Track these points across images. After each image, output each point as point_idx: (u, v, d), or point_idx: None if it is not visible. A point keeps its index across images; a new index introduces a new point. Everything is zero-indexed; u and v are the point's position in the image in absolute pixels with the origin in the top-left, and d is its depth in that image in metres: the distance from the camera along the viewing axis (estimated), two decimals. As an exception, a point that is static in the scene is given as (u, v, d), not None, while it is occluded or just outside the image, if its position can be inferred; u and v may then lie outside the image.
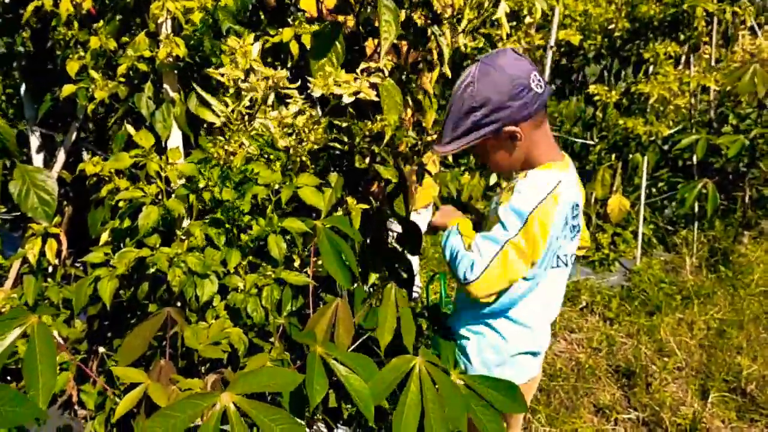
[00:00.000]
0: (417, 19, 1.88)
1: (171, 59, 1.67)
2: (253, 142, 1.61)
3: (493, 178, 4.56)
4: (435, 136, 2.02)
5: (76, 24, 1.66)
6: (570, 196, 1.64)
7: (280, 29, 1.77)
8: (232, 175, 1.55)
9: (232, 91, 1.62)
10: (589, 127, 5.24)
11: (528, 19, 4.54)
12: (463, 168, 4.94)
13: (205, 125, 1.77)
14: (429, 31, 1.86)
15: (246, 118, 1.61)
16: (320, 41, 1.74)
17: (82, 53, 1.66)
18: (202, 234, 1.48)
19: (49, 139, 2.17)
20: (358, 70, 1.67)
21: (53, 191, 2.01)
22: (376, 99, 1.62)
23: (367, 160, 1.88)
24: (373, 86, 1.76)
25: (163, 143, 1.72)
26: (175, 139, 1.74)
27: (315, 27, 1.73)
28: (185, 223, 1.56)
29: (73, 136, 2.04)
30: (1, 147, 2.02)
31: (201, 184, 1.52)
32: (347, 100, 1.58)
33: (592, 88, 4.79)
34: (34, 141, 2.15)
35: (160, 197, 1.51)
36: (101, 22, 1.70)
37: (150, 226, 1.45)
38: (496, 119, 1.58)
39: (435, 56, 2.07)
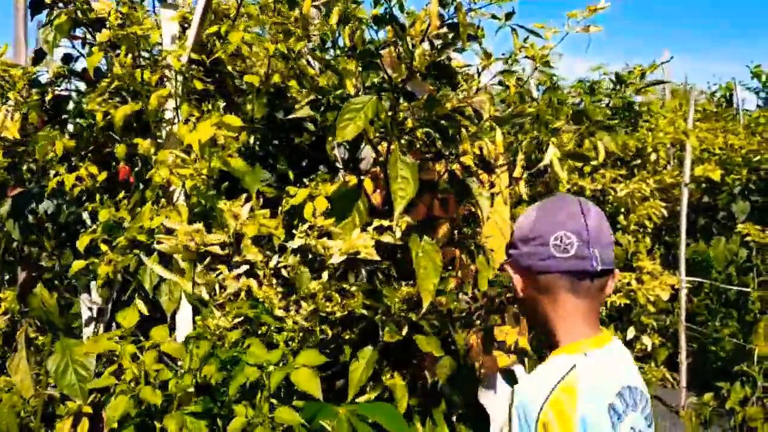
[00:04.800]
0: (457, 169, 1.64)
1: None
2: (252, 311, 1.41)
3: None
4: (487, 301, 1.71)
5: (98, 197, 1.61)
6: (602, 382, 1.22)
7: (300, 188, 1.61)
8: (221, 354, 1.34)
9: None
10: (744, 272, 4.56)
11: (653, 156, 4.15)
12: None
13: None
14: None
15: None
16: (340, 203, 1.55)
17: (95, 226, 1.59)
18: (177, 429, 1.26)
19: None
20: (370, 228, 1.45)
21: (91, 367, 1.91)
22: (376, 258, 1.37)
23: (405, 330, 1.60)
24: (399, 247, 1.53)
25: (168, 317, 1.57)
26: (185, 313, 1.58)
27: (330, 186, 1.55)
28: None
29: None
30: (45, 319, 1.99)
31: (185, 366, 1.32)
32: (336, 260, 1.34)
33: (740, 227, 4.19)
34: (84, 310, 2.10)
35: (137, 383, 1.32)
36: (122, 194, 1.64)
37: (116, 419, 1.25)
38: (508, 252, 1.34)
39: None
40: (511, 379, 1.86)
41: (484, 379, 2.07)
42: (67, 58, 1.77)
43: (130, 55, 1.52)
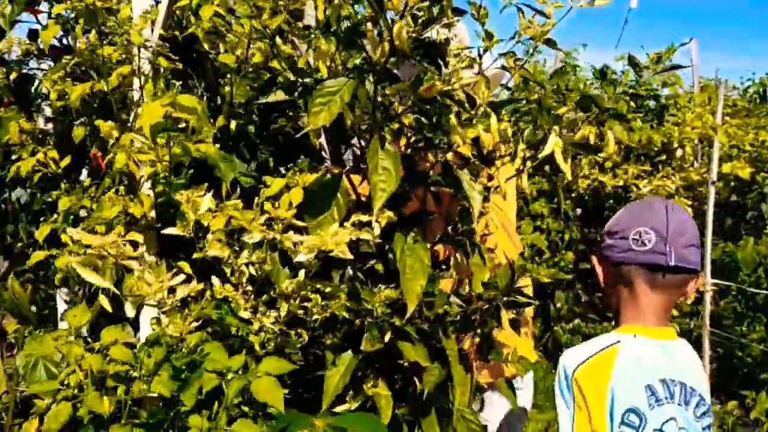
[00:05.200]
0: (452, 159, 1.49)
1: (147, 220, 1.44)
2: (216, 312, 1.28)
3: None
4: (483, 304, 1.56)
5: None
6: (642, 364, 1.34)
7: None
8: (176, 360, 1.21)
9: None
10: (774, 275, 4.33)
11: (679, 152, 3.94)
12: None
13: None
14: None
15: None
16: (318, 195, 1.41)
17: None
18: (122, 442, 1.13)
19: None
20: (348, 224, 1.30)
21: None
22: (349, 257, 1.23)
23: (388, 336, 1.46)
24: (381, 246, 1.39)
25: (132, 316, 1.44)
26: (149, 312, 1.46)
27: (309, 177, 1.41)
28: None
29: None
30: (18, 312, 1.88)
31: (136, 373, 1.20)
32: (302, 258, 1.21)
33: (771, 228, 3.97)
34: (61, 303, 2.00)
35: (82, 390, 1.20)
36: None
37: (56, 430, 1.13)
38: (598, 246, 1.52)
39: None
40: (509, 389, 1.71)
41: (482, 388, 1.92)
42: (33, 34, 1.66)
43: (94, 31, 1.40)
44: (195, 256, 1.29)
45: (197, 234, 1.31)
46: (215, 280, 1.29)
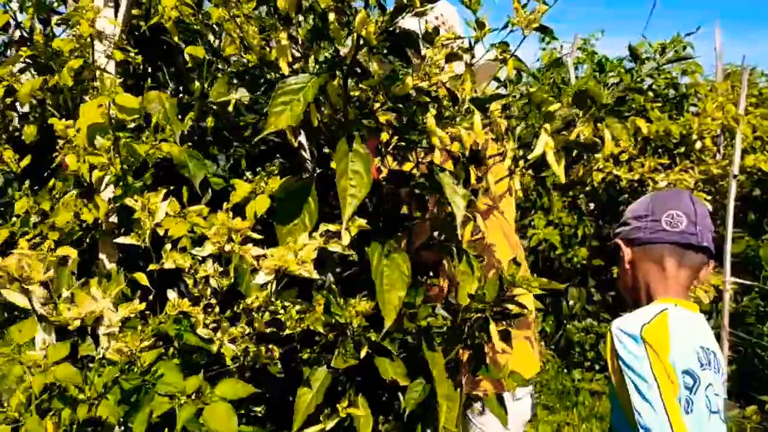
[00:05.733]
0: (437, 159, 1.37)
1: (106, 225, 1.34)
2: (173, 327, 1.18)
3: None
4: (476, 315, 1.45)
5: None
6: (689, 329, 1.45)
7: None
8: (125, 382, 1.12)
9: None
10: (798, 272, 4.14)
11: (698, 144, 3.77)
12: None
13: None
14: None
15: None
16: (287, 201, 1.30)
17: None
18: (64, 470, 1.04)
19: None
20: (316, 234, 1.19)
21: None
22: (315, 276, 1.12)
23: (364, 351, 1.35)
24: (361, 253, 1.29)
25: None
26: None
27: (277, 181, 1.30)
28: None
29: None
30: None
31: (82, 396, 1.10)
32: (261, 279, 1.10)
33: (795, 224, 3.78)
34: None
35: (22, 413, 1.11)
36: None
37: (-8, 457, 1.04)
38: (618, 230, 1.64)
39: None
40: (500, 406, 1.60)
41: (474, 405, 1.81)
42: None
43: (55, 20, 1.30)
44: (151, 267, 1.20)
45: (155, 243, 1.22)
46: (171, 293, 1.19)
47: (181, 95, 1.56)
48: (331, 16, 1.11)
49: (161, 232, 1.18)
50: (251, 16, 1.20)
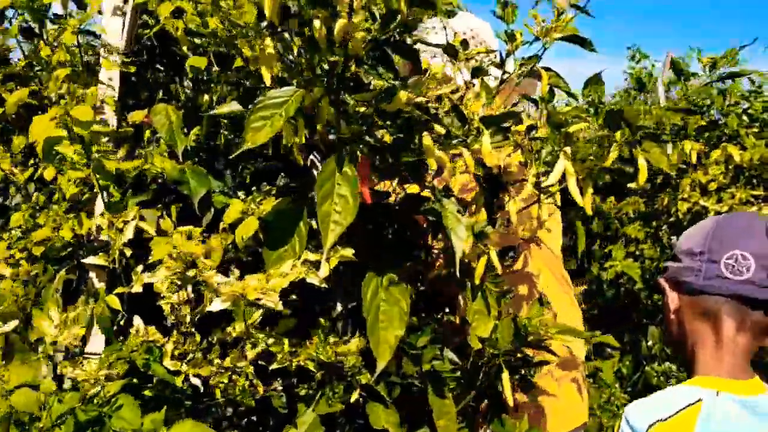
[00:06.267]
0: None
1: (99, 242, 1.28)
2: (142, 357, 1.09)
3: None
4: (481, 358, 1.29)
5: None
6: (731, 428, 1.05)
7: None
8: (81, 413, 1.03)
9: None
10: None
11: None
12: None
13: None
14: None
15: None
16: (277, 224, 1.19)
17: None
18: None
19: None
20: (298, 262, 1.07)
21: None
22: (279, 308, 1.00)
23: (355, 395, 1.21)
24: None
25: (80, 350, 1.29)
26: (95, 345, 1.30)
27: (271, 202, 1.20)
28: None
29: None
30: None
31: (38, 424, 1.03)
32: (216, 307, 0.99)
33: None
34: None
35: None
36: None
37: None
38: (666, 264, 1.24)
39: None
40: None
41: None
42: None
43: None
44: (118, 291, 1.12)
45: (127, 265, 1.14)
46: (137, 319, 1.11)
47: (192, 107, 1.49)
48: (317, 24, 1.00)
49: (128, 253, 1.10)
50: (240, 24, 1.10)
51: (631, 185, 1.12)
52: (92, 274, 1.32)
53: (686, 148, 3.60)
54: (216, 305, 0.98)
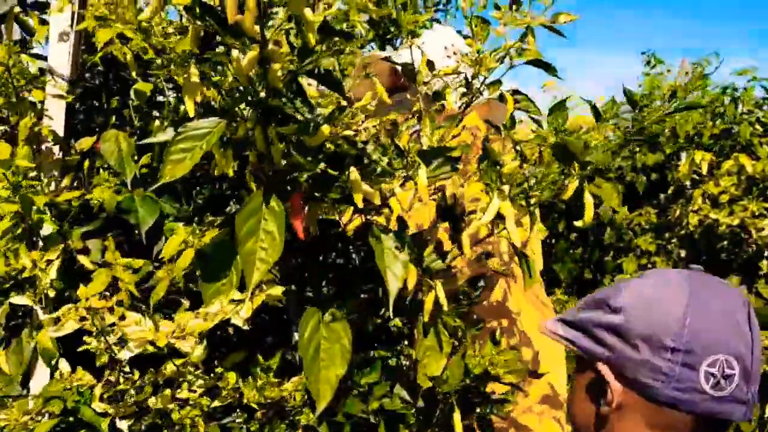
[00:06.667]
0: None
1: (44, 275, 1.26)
2: (73, 399, 1.06)
3: None
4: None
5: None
6: None
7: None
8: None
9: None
10: None
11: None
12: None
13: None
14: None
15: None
16: (215, 256, 1.15)
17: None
18: None
19: None
20: (225, 300, 1.03)
21: None
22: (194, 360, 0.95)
23: (298, 435, 1.17)
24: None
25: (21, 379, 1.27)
26: (40, 377, 1.28)
27: (212, 233, 1.16)
28: None
29: None
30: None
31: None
32: (127, 354, 0.95)
33: None
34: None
35: None
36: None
37: None
38: (607, 342, 0.86)
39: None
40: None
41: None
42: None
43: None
44: (45, 331, 1.09)
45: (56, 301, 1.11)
46: (63, 362, 1.08)
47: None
48: (235, 53, 0.96)
49: (52, 294, 1.06)
50: (169, 52, 1.07)
51: (578, 223, 1.05)
52: (36, 306, 1.30)
53: (696, 159, 3.49)
54: (125, 353, 0.94)
